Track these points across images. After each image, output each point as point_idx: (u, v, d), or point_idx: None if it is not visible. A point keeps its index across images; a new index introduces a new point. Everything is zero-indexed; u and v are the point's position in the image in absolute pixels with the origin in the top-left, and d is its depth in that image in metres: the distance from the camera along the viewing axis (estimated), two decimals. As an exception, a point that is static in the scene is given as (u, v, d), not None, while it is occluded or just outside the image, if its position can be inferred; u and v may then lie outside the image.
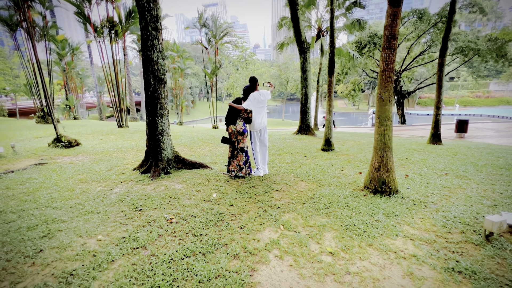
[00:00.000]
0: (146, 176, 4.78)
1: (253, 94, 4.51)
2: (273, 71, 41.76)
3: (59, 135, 7.71)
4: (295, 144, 8.40)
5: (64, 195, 3.91)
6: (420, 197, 3.59)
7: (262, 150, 4.85)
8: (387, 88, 3.49)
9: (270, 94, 4.77)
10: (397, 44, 3.25)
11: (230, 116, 4.52)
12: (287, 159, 6.13)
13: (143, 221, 3.01)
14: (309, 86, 10.53)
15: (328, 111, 7.02)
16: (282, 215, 3.13)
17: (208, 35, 18.72)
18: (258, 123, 4.60)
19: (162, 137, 4.95)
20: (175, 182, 4.47)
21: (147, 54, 4.70)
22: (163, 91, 4.91)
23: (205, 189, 4.08)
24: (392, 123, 3.60)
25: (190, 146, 8.13)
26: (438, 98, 7.72)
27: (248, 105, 4.47)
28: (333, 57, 6.75)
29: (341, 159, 6.08)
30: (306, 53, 10.34)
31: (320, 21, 14.31)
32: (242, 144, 4.54)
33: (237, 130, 4.45)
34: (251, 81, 4.58)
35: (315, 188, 4.07)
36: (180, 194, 3.87)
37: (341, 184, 4.24)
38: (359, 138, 10.37)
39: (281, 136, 10.39)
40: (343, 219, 2.97)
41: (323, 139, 7.22)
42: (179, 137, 10.01)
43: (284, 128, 21.75)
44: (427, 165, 5.38)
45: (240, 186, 4.21)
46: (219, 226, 2.89)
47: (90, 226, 2.92)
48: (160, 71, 4.81)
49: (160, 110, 4.88)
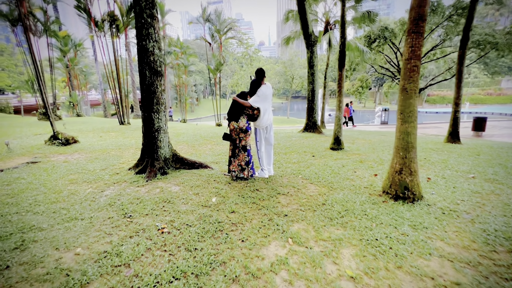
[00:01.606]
0: (141, 176, 4.42)
1: (262, 89, 4.06)
2: (278, 68, 41.11)
3: (56, 132, 7.42)
4: (302, 142, 7.95)
5: (50, 197, 3.56)
6: (448, 205, 3.12)
7: (267, 149, 4.42)
8: (412, 79, 3.01)
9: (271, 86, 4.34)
10: (425, 27, 2.78)
11: (233, 112, 4.10)
12: (294, 158, 5.70)
13: (131, 231, 2.63)
14: (316, 81, 10.03)
15: (338, 108, 6.54)
16: (290, 225, 2.71)
17: (211, 30, 18.26)
18: (265, 120, 4.17)
19: (158, 135, 4.57)
20: (172, 183, 4.09)
21: (142, 44, 4.31)
22: (160, 85, 4.51)
23: (204, 192, 3.69)
24: (417, 119, 3.13)
25: (192, 144, 7.76)
26: (458, 94, 7.15)
27: (256, 101, 4.01)
28: (344, 48, 6.26)
29: (352, 159, 5.62)
30: (313, 47, 9.83)
31: (328, 14, 13.74)
32: (245, 142, 4.12)
33: (240, 127, 4.04)
34: (258, 74, 4.12)
35: (326, 192, 3.64)
36: (176, 198, 3.48)
37: (356, 187, 3.80)
38: (369, 136, 9.85)
39: (286, 134, 9.94)
40: (362, 231, 2.53)
41: (332, 138, 6.76)
42: (181, 135, 9.66)
43: (289, 126, 21.25)
44: (449, 166, 4.87)
45: (243, 189, 3.81)
46: (217, 238, 2.49)
47: (70, 236, 2.56)
48: (157, 63, 4.42)
49: (156, 105, 4.50)
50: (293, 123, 27.25)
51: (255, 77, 4.14)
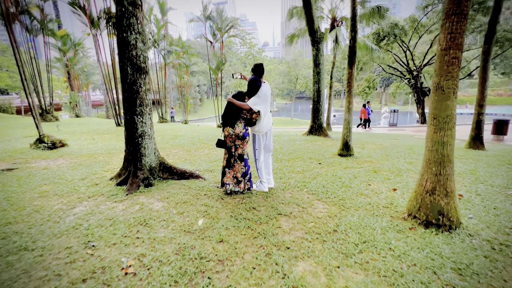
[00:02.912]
0: (122, 189, 3.84)
1: (262, 89, 3.42)
2: (282, 68, 40.43)
3: (42, 135, 6.93)
4: (306, 147, 7.30)
5: (7, 217, 2.99)
6: (496, 235, 2.46)
7: (266, 157, 3.80)
8: (451, 74, 2.36)
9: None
10: (469, 8, 2.13)
11: (229, 116, 3.49)
12: (298, 166, 5.06)
13: (87, 270, 2.03)
14: (322, 81, 9.38)
15: (347, 109, 5.88)
16: (294, 265, 2.08)
17: (212, 28, 17.68)
18: (265, 125, 3.53)
19: (142, 141, 3.98)
20: (156, 198, 3.50)
21: (123, 36, 3.73)
22: (144, 83, 3.93)
23: (190, 211, 3.09)
24: (455, 125, 2.48)
25: (187, 148, 7.18)
26: (482, 95, 6.41)
27: (256, 103, 3.35)
28: (355, 43, 5.60)
29: (364, 168, 4.96)
30: (319, 44, 9.18)
31: (334, 11, 13.07)
32: (241, 150, 3.51)
33: (235, 134, 3.42)
34: (257, 70, 3.47)
35: (337, 213, 3.00)
36: (155, 219, 2.88)
37: (373, 207, 3.15)
38: (379, 140, 9.14)
39: (290, 137, 9.30)
40: (391, 278, 1.89)
41: (341, 142, 6.10)
42: (178, 137, 9.10)
43: (293, 128, 20.58)
44: (481, 179, 4.18)
45: (237, 206, 3.19)
46: (196, 285, 1.88)
47: (6, 278, 1.97)
48: (140, 58, 3.83)
49: (140, 107, 3.91)
50: (297, 124, 26.56)
51: (253, 74, 3.51)
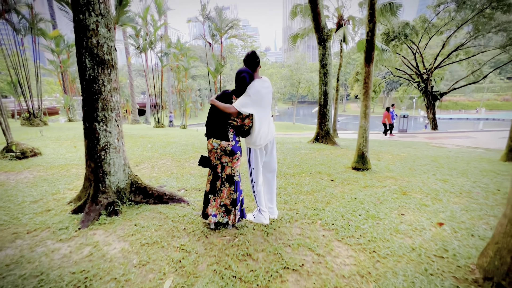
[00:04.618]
0: (78, 218, 2.92)
1: (254, 85, 2.50)
2: (284, 72, 39.72)
3: (9, 143, 6.04)
4: (313, 157, 6.37)
5: None
6: None
7: (267, 178, 2.87)
8: None
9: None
10: None
11: (213, 123, 2.58)
12: (306, 184, 4.13)
13: None
14: (329, 83, 8.50)
15: (364, 115, 4.95)
16: None
17: (211, 28, 16.90)
18: (264, 135, 2.59)
19: (106, 155, 3.07)
20: (116, 235, 2.58)
21: (79, 18, 2.85)
22: (109, 81, 3.04)
23: (157, 260, 2.16)
24: None
25: (178, 158, 6.27)
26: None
27: (245, 104, 2.43)
28: (373, 36, 4.71)
29: (388, 187, 4.01)
30: (326, 42, 8.33)
31: (340, 10, 12.28)
32: (231, 170, 2.58)
33: (222, 147, 2.51)
34: (249, 61, 2.56)
35: (370, 268, 2.05)
36: (103, 276, 1.95)
37: (420, 255, 2.19)
38: (394, 148, 8.19)
39: (294, 145, 8.36)
40: None
41: (355, 153, 5.16)
42: (170, 145, 8.20)
43: (296, 133, 19.67)
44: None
45: (225, 251, 2.26)
46: None
47: None
48: (103, 48, 2.95)
49: (102, 111, 3.01)
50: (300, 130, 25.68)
51: (245, 67, 2.59)
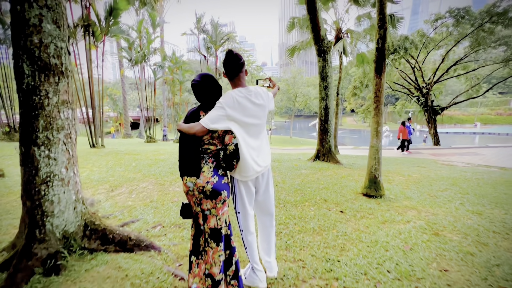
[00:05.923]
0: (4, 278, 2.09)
1: (229, 93, 1.78)
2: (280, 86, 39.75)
3: (-36, 163, 5.21)
4: (316, 179, 5.63)
5: None
6: None
7: (263, 224, 2.11)
8: None
9: (272, 97, 2.06)
10: None
11: (186, 155, 1.83)
12: (311, 218, 3.35)
13: None
14: (330, 96, 7.94)
15: (375, 133, 4.28)
16: None
17: (206, 41, 16.65)
18: (250, 164, 1.82)
19: (49, 190, 2.29)
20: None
21: (16, 9, 2.17)
22: (56, 92, 2.31)
23: None
24: None
25: (161, 181, 5.48)
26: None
27: (217, 118, 1.68)
28: (384, 44, 4.14)
29: (413, 223, 3.25)
30: (326, 54, 7.85)
31: (338, 23, 12.04)
32: (215, 220, 1.81)
33: (199, 188, 1.76)
34: (226, 65, 1.82)
35: None
36: None
37: None
38: (402, 167, 7.50)
39: (292, 163, 7.63)
40: None
41: (366, 177, 4.44)
42: (157, 163, 7.40)
43: (293, 148, 19.00)
44: None
45: None
46: None
47: None
48: (47, 49, 2.25)
49: (45, 131, 2.27)
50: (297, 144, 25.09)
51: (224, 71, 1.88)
